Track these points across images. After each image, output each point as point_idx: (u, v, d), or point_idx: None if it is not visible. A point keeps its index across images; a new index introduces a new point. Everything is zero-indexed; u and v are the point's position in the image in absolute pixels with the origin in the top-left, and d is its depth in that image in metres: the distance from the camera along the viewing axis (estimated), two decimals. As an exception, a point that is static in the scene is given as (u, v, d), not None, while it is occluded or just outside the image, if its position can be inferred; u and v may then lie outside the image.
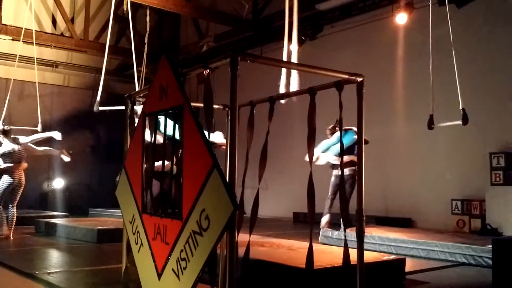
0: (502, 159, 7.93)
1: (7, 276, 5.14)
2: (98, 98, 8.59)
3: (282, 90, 5.31)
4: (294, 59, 5.29)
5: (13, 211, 7.79)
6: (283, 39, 11.28)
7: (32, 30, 10.91)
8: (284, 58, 5.56)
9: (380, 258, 5.04)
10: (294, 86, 5.17)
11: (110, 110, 8.85)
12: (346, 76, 3.00)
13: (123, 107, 8.45)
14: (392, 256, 5.41)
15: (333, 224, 8.10)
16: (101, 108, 8.58)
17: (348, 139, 6.95)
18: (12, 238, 7.66)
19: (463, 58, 8.76)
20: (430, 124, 7.36)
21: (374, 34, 10.39)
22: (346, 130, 7.03)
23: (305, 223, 8.10)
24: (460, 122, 7.37)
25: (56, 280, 4.77)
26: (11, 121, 9.40)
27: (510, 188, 7.52)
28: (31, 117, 10.57)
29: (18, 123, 10.47)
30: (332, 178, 7.71)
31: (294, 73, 5.23)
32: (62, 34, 14.42)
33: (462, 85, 7.81)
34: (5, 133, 7.81)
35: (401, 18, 8.98)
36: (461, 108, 7.30)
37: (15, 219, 7.82)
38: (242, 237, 4.16)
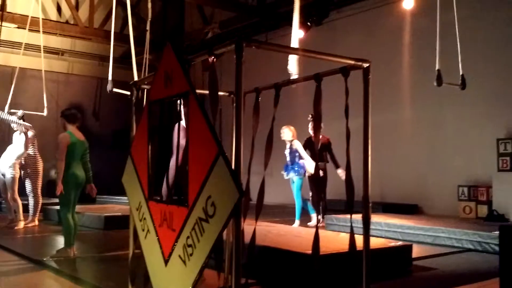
0: (509, 145, 7.89)
1: (15, 263, 5.20)
2: (109, 77, 8.51)
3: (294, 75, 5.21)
4: (296, 44, 5.23)
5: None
6: (289, 25, 11.23)
7: (37, 18, 10.88)
8: (294, 44, 5.49)
9: (387, 244, 5.05)
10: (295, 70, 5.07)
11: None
12: (352, 62, 2.96)
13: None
14: (399, 242, 5.41)
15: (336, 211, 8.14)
16: (115, 90, 8.51)
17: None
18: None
19: (471, 44, 8.69)
20: (439, 81, 7.16)
21: (380, 19, 10.29)
22: None
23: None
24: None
25: (64, 267, 4.82)
26: (17, 108, 9.42)
27: (518, 174, 7.50)
28: (36, 104, 10.59)
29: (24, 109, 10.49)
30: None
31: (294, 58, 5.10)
32: (67, 22, 14.40)
33: (470, 71, 7.76)
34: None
35: (408, 3, 8.87)
36: (460, 73, 7.26)
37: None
38: (249, 224, 4.14)
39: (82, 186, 5.50)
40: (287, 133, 7.74)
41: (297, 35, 5.38)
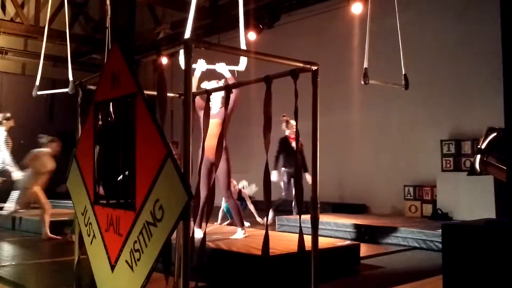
0: (452, 146, 8.19)
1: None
2: (37, 83, 8.51)
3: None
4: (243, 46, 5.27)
5: None
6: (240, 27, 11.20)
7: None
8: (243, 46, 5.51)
9: (335, 244, 5.13)
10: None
11: (47, 94, 8.78)
12: (301, 65, 3.01)
13: (61, 90, 8.45)
14: (347, 242, 5.51)
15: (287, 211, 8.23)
16: (39, 92, 8.53)
17: None
18: None
19: (415, 47, 8.98)
20: (365, 79, 7.41)
21: (330, 23, 10.47)
22: None
23: (262, 211, 8.15)
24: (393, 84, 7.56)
25: (7, 274, 4.63)
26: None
27: (460, 174, 7.77)
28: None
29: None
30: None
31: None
32: (12, 20, 13.85)
33: (415, 75, 8.01)
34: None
35: (357, 7, 9.07)
36: (403, 73, 7.50)
37: None
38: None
39: None
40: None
41: (243, 39, 5.44)
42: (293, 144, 7.70)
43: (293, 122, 7.60)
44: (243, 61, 5.18)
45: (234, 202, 5.39)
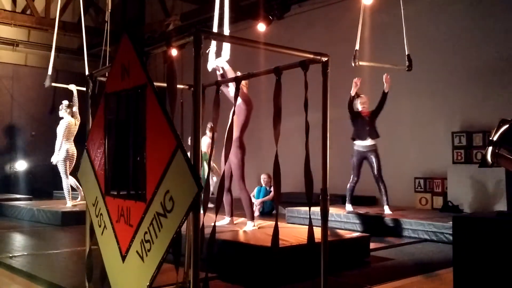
0: (463, 138, 8.11)
1: (-33, 261, 5.01)
2: (49, 73, 8.62)
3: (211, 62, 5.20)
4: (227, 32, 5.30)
5: None
6: (250, 19, 11.19)
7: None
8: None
9: (344, 235, 5.13)
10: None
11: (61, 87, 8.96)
12: (311, 56, 2.99)
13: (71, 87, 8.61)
14: (356, 233, 5.51)
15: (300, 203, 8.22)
16: (53, 84, 8.68)
17: None
18: None
19: (427, 38, 8.90)
20: (355, 61, 7.41)
21: (341, 14, 10.39)
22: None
23: (273, 203, 8.17)
24: (388, 65, 7.67)
25: (19, 264, 4.69)
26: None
27: (471, 167, 7.71)
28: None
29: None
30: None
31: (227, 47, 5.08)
32: (22, 12, 13.92)
33: (426, 66, 7.93)
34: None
35: (368, -2, 8.98)
36: (406, 54, 7.47)
37: None
38: (210, 217, 4.15)
39: None
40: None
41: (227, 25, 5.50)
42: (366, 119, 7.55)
43: (365, 97, 7.54)
44: (226, 48, 5.07)
45: (246, 194, 5.41)
